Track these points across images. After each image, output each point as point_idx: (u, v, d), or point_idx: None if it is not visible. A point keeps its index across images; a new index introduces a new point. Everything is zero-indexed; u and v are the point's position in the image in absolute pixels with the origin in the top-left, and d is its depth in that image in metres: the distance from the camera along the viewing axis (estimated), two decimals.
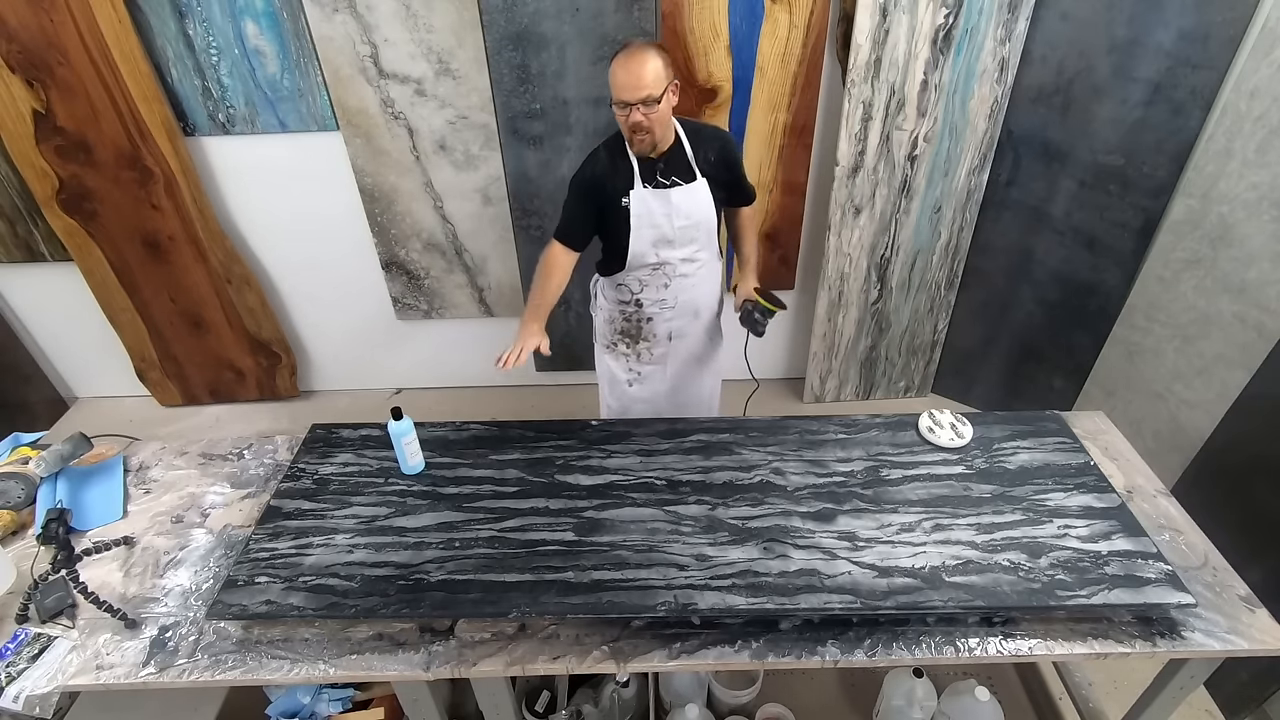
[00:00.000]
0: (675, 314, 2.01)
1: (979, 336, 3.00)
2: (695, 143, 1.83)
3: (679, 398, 2.17)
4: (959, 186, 2.65)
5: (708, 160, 1.85)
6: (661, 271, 1.93)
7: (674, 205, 1.83)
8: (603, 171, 1.81)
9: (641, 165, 1.80)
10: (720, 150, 1.87)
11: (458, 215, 2.81)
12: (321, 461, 1.73)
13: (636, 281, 1.96)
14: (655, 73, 1.62)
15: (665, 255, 1.90)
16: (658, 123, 1.68)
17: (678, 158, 1.82)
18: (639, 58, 1.62)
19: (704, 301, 2.05)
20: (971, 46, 2.37)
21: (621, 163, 1.80)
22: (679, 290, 1.97)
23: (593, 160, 1.83)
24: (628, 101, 1.64)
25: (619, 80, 1.63)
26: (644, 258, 1.90)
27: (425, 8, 2.37)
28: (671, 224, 1.85)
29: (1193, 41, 2.10)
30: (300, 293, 3.08)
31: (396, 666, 1.34)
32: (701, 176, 1.84)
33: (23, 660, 1.35)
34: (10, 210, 2.73)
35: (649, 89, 1.62)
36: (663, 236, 1.86)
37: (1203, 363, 2.24)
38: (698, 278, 1.98)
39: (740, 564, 1.43)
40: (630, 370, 2.11)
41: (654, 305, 1.99)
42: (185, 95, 2.53)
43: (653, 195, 1.81)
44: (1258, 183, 2.03)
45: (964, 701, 1.73)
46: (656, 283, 1.95)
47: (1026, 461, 1.69)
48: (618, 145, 1.82)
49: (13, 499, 1.66)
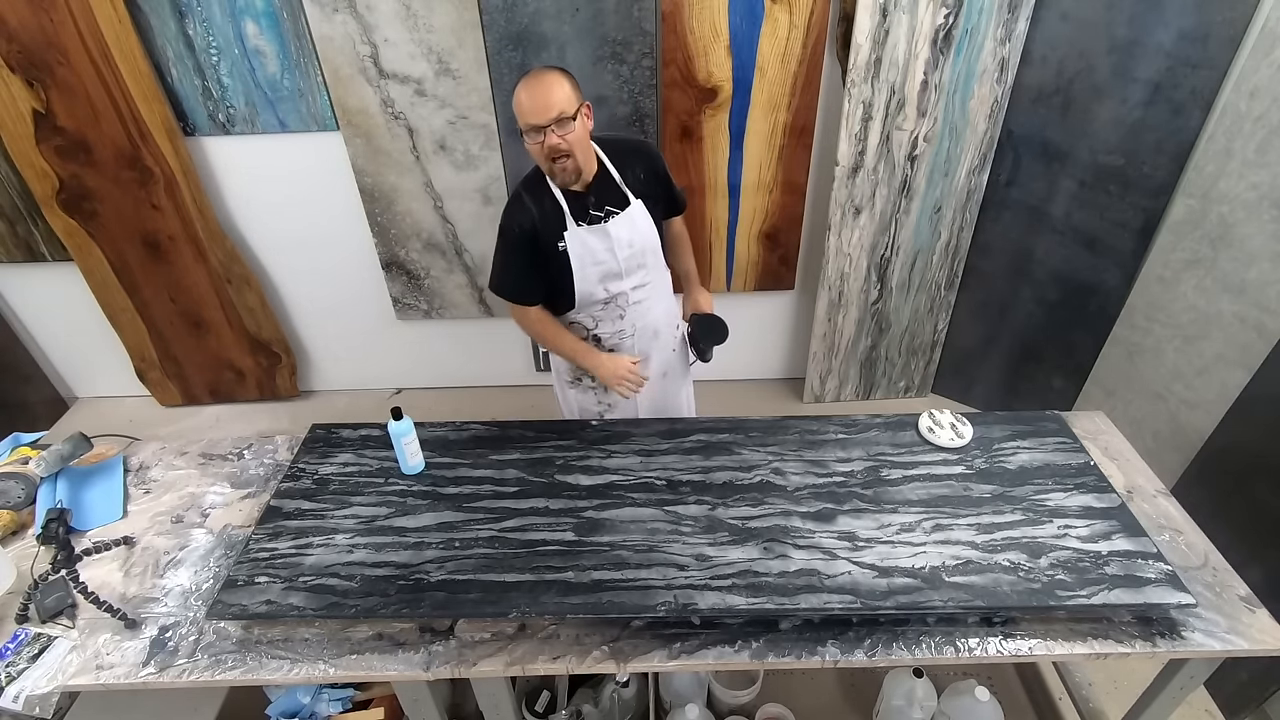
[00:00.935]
0: (636, 339, 1.91)
1: (979, 336, 3.00)
2: (620, 163, 1.72)
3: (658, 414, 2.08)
4: (959, 186, 2.65)
5: (638, 179, 1.74)
6: (614, 304, 1.83)
7: (614, 238, 1.71)
8: (531, 220, 1.67)
9: (570, 203, 1.67)
10: (647, 164, 1.76)
11: (458, 215, 2.81)
12: (321, 461, 1.73)
13: (590, 319, 1.85)
14: (564, 91, 1.52)
15: (615, 289, 1.79)
16: (576, 145, 1.55)
17: (606, 185, 1.70)
18: (543, 79, 1.52)
19: (662, 320, 1.94)
20: (971, 46, 2.37)
21: (549, 203, 1.67)
22: (635, 318, 1.87)
23: (517, 208, 1.69)
24: (539, 125, 1.51)
25: (525, 105, 1.51)
26: (593, 296, 1.79)
27: (425, 8, 2.37)
28: (615, 257, 1.73)
29: (1193, 41, 2.10)
30: (300, 293, 3.08)
31: (396, 666, 1.34)
32: (636, 198, 1.73)
33: (23, 660, 1.35)
34: (10, 210, 2.73)
35: (559, 107, 1.50)
36: (608, 271, 1.75)
37: (1203, 363, 2.24)
38: (651, 300, 1.88)
39: (740, 564, 1.43)
40: (600, 403, 2.01)
41: (613, 337, 1.89)
42: (185, 95, 2.53)
43: (589, 233, 1.69)
44: (1258, 183, 2.03)
45: (964, 701, 1.73)
46: (611, 316, 1.85)
47: (1026, 461, 1.69)
48: (540, 186, 1.68)
49: (13, 499, 1.66)
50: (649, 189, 1.77)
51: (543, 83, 1.52)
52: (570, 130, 1.54)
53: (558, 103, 1.51)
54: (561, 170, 1.59)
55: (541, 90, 1.51)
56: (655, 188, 1.79)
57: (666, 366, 2.04)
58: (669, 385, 2.09)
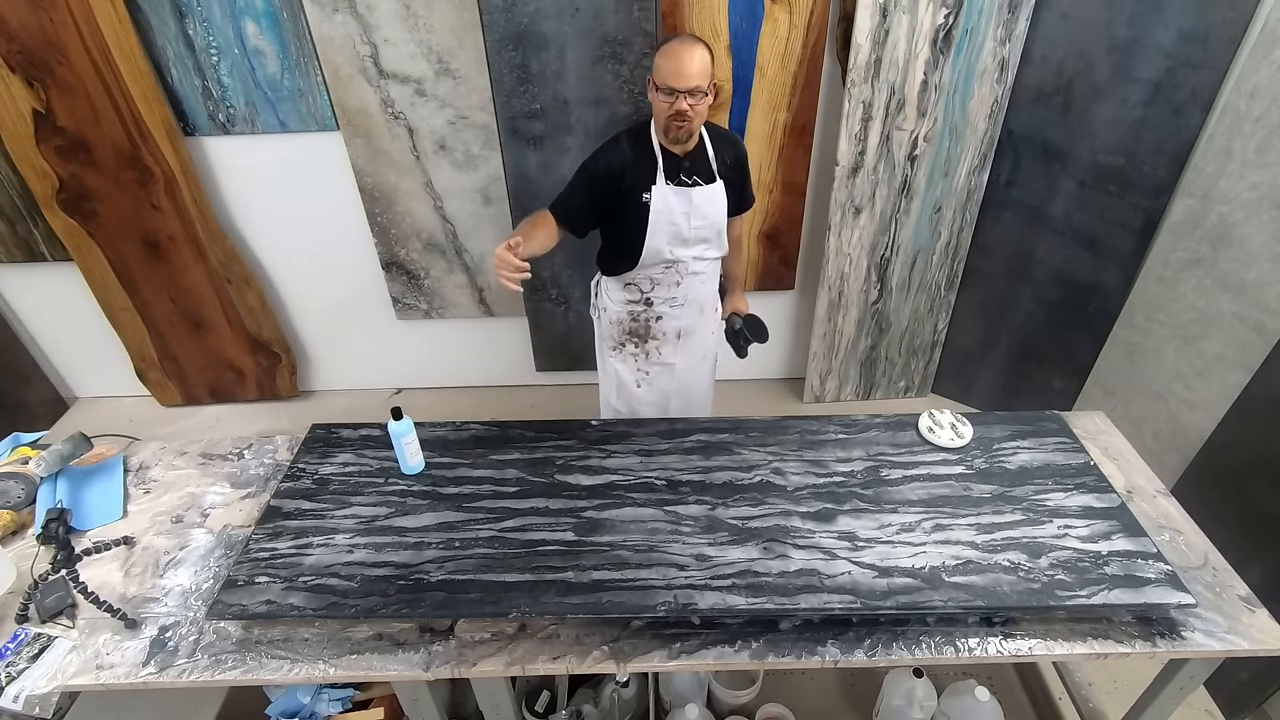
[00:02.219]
0: (685, 311, 2.01)
1: (979, 336, 3.00)
2: (716, 145, 1.84)
3: (683, 398, 2.16)
4: (959, 186, 2.65)
5: (724, 163, 1.86)
6: (674, 270, 1.93)
7: (694, 205, 1.82)
8: (623, 162, 1.79)
9: (666, 162, 1.79)
10: (736, 155, 1.89)
11: (458, 215, 2.81)
12: (321, 461, 1.73)
13: (648, 280, 1.95)
14: (704, 65, 1.63)
15: (679, 253, 1.89)
16: (698, 116, 1.68)
17: (701, 158, 1.83)
18: (692, 48, 1.62)
19: (709, 298, 2.06)
20: (971, 46, 2.37)
21: (645, 157, 1.79)
22: (689, 288, 1.97)
23: (614, 149, 1.80)
24: (676, 89, 1.63)
25: (669, 67, 1.62)
26: (659, 254, 1.88)
27: (425, 8, 2.37)
28: (689, 223, 1.84)
29: (1193, 41, 2.10)
30: (300, 293, 3.08)
31: (396, 666, 1.34)
32: (719, 179, 1.85)
33: (23, 660, 1.35)
34: (10, 210, 2.73)
35: (698, 80, 1.62)
36: (678, 235, 1.86)
37: (1203, 363, 2.24)
38: (707, 274, 1.99)
39: (740, 564, 1.43)
40: (639, 371, 2.10)
41: (664, 303, 1.99)
42: (185, 95, 2.53)
43: (674, 193, 1.80)
44: (1258, 183, 2.03)
45: (964, 701, 1.73)
46: (669, 280, 1.95)
47: (1026, 461, 1.69)
48: (642, 138, 1.79)
49: (13, 499, 1.65)
50: (731, 176, 1.89)
51: (691, 51, 1.62)
52: (700, 101, 1.66)
53: (698, 74, 1.62)
54: (677, 130, 1.70)
55: (689, 57, 1.61)
56: (736, 177, 1.91)
57: (705, 349, 2.13)
58: (703, 371, 2.17)
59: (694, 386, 2.16)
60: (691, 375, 2.14)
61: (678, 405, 2.16)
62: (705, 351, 2.13)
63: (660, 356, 2.07)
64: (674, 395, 2.13)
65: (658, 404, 2.15)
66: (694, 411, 2.21)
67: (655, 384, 2.11)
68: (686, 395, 2.16)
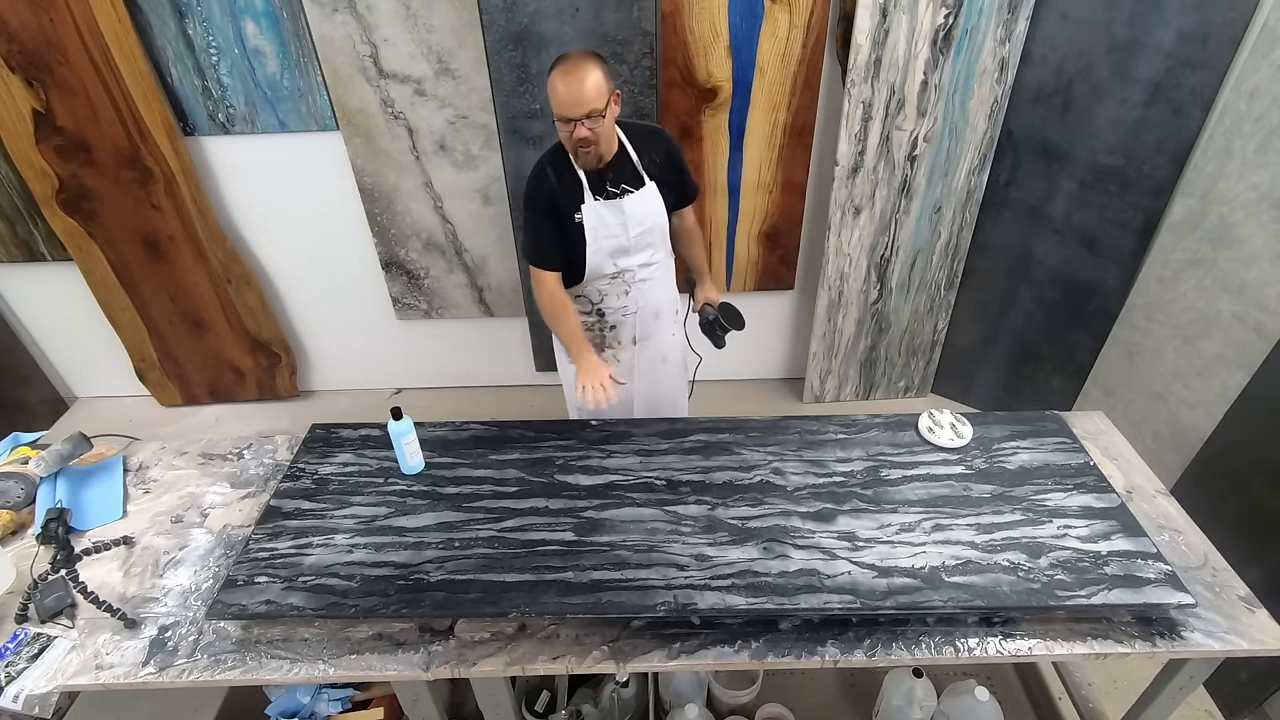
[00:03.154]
0: (638, 318, 1.99)
1: (979, 336, 3.00)
2: (639, 147, 1.80)
3: (649, 400, 2.14)
4: (959, 186, 2.65)
5: (654, 162, 1.83)
6: (621, 279, 1.91)
7: (627, 214, 1.80)
8: (551, 189, 1.76)
9: (589, 177, 1.76)
10: (665, 151, 1.85)
11: (458, 215, 2.81)
12: (321, 461, 1.73)
13: (596, 292, 1.93)
14: (597, 85, 1.57)
15: (623, 264, 1.88)
16: (602, 136, 1.64)
17: (624, 165, 1.79)
18: (580, 71, 1.56)
19: (664, 302, 2.03)
20: (971, 46, 2.37)
21: (569, 177, 1.76)
22: (639, 295, 1.95)
23: (540, 178, 1.78)
24: (570, 118, 1.59)
25: (560, 96, 1.58)
26: (602, 269, 1.87)
27: (425, 8, 2.37)
28: (627, 233, 1.82)
29: (1193, 41, 2.10)
30: (300, 293, 3.08)
31: (396, 666, 1.34)
32: (650, 180, 1.82)
33: (22, 660, 1.35)
34: (10, 210, 2.73)
35: (592, 103, 1.57)
36: (619, 246, 1.84)
37: (1203, 363, 2.24)
38: (655, 280, 1.96)
39: (740, 564, 1.43)
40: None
41: (616, 313, 1.97)
42: (185, 95, 2.53)
43: (605, 207, 1.78)
44: (1257, 183, 2.03)
45: (964, 701, 1.73)
46: (616, 291, 1.93)
47: (1026, 462, 1.69)
48: (562, 160, 1.76)
49: (12, 499, 1.66)
50: (663, 174, 1.85)
51: (579, 75, 1.57)
52: (599, 124, 1.62)
53: (590, 99, 1.57)
54: (584, 155, 1.68)
55: (577, 83, 1.56)
56: (670, 174, 1.87)
57: (666, 351, 2.10)
58: (666, 372, 2.13)
59: (659, 389, 2.14)
60: (653, 379, 2.11)
61: (644, 408, 2.13)
62: (665, 354, 2.10)
63: (619, 363, 2.04)
64: (637, 398, 2.11)
65: (622, 409, 2.09)
66: (662, 412, 2.19)
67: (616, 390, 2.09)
68: (653, 398, 2.14)
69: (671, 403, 2.20)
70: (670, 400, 2.19)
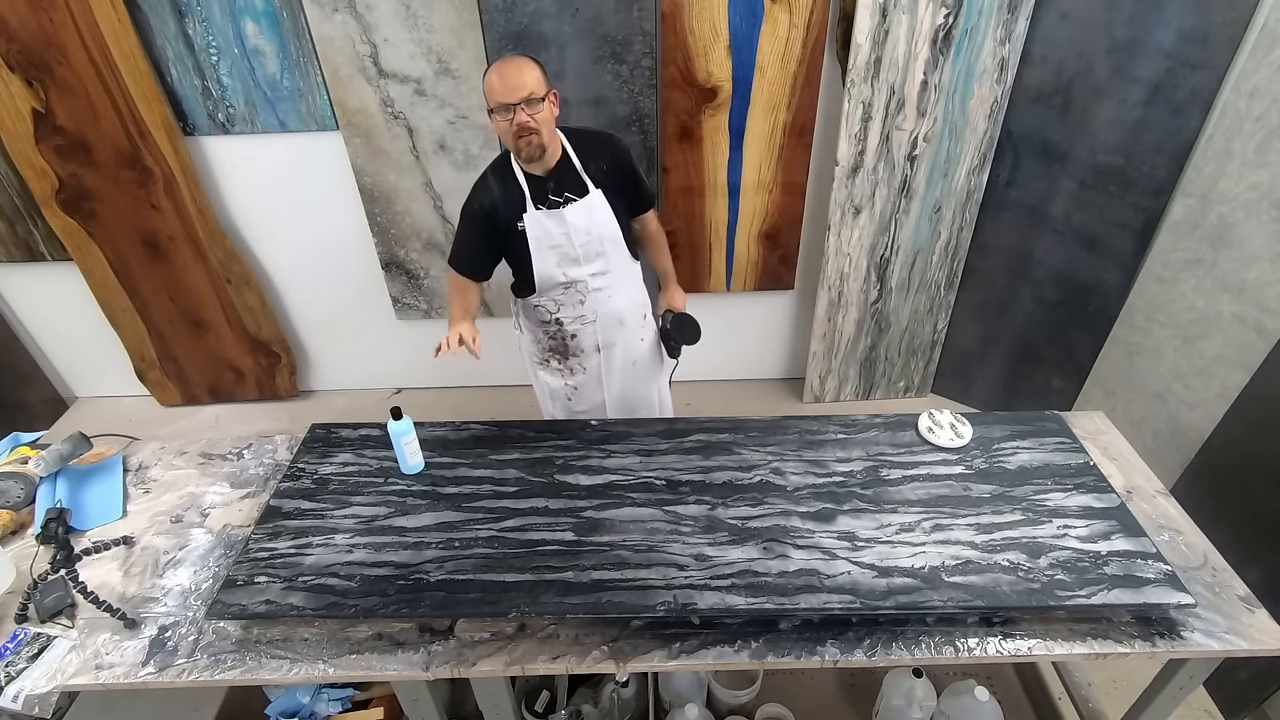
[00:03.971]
0: (599, 326, 1.96)
1: (979, 336, 3.00)
2: (584, 154, 1.79)
3: (627, 403, 2.12)
4: (959, 186, 2.65)
5: (600, 170, 1.80)
6: (574, 290, 1.88)
7: (570, 224, 1.78)
8: (493, 199, 1.76)
9: (531, 186, 1.75)
10: (612, 156, 1.82)
11: (458, 215, 2.80)
12: (321, 461, 1.73)
13: (552, 302, 1.91)
14: (534, 74, 1.61)
15: (573, 274, 1.85)
16: (543, 124, 1.63)
17: (567, 173, 1.78)
18: (515, 62, 1.61)
19: (627, 309, 1.98)
20: (971, 46, 2.37)
21: (511, 187, 1.76)
22: (596, 304, 1.92)
23: (482, 188, 1.78)
24: (509, 104, 1.59)
25: (496, 86, 1.59)
26: (552, 279, 1.85)
27: (425, 8, 2.37)
28: (572, 242, 1.80)
29: (1193, 41, 2.10)
30: (300, 293, 3.08)
31: (396, 666, 1.34)
32: (596, 188, 1.79)
33: (22, 660, 1.35)
34: (10, 210, 2.73)
35: (530, 88, 1.59)
36: (566, 255, 1.82)
37: (1202, 363, 2.24)
38: (613, 289, 1.92)
39: (740, 564, 1.43)
40: (566, 385, 2.06)
41: (575, 322, 1.94)
42: (185, 95, 2.53)
43: (547, 216, 1.77)
44: (1257, 183, 2.03)
45: (963, 701, 1.73)
46: (572, 301, 1.90)
47: (1026, 461, 1.69)
48: (504, 169, 1.77)
49: (12, 499, 1.65)
50: (612, 181, 1.83)
51: (514, 65, 1.61)
52: (539, 110, 1.62)
53: (528, 84, 1.60)
54: (527, 145, 1.65)
55: (513, 71, 1.60)
56: (619, 180, 1.84)
57: (635, 355, 2.07)
58: (638, 374, 2.10)
59: (633, 392, 2.11)
60: (624, 384, 2.08)
61: (616, 412, 2.11)
62: (635, 357, 2.06)
63: (584, 370, 2.03)
64: (610, 403, 2.09)
65: (594, 412, 2.10)
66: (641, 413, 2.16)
67: (586, 395, 2.07)
68: (627, 401, 2.11)
69: (648, 403, 2.17)
70: (646, 401, 2.16)
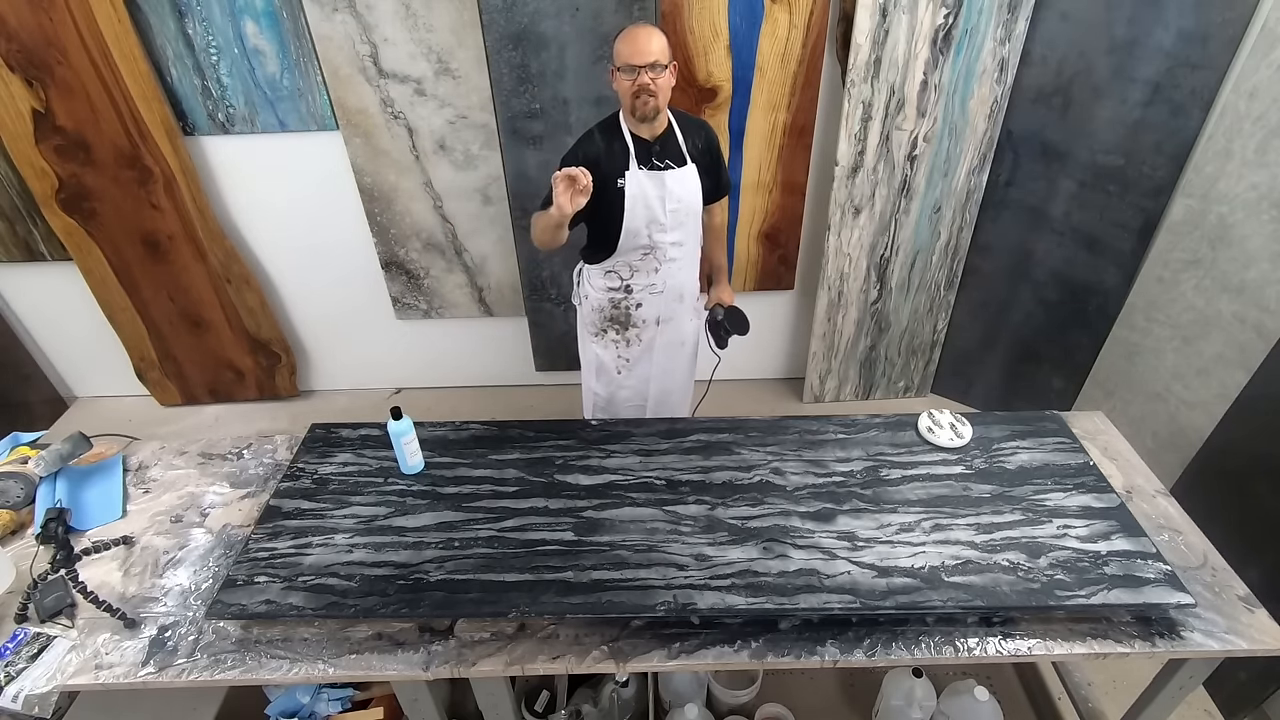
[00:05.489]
0: (663, 298, 2.05)
1: (979, 336, 3.00)
2: (686, 130, 1.91)
3: (663, 384, 2.20)
4: (959, 186, 2.65)
5: (696, 147, 1.92)
6: (653, 256, 1.97)
7: (668, 188, 1.87)
8: (598, 152, 1.85)
9: (637, 147, 1.85)
10: (707, 139, 1.96)
11: (457, 215, 2.81)
12: (321, 461, 1.73)
13: (627, 267, 1.99)
14: (661, 44, 1.72)
15: (658, 238, 1.94)
16: (662, 89, 1.74)
17: (671, 143, 1.89)
18: (647, 30, 1.72)
19: (687, 286, 2.09)
20: (971, 46, 2.37)
21: (617, 145, 1.85)
22: (667, 274, 2.01)
23: (588, 141, 1.88)
24: (636, 65, 1.70)
25: (627, 48, 1.71)
26: (636, 239, 1.92)
27: (425, 8, 2.36)
28: (664, 207, 1.89)
29: (1192, 42, 2.11)
30: (300, 292, 3.08)
31: (396, 666, 1.34)
32: (691, 162, 1.91)
33: (22, 660, 1.35)
34: (10, 210, 2.73)
35: (657, 55, 1.70)
36: (655, 219, 1.90)
37: (1202, 363, 2.24)
38: (684, 261, 2.03)
39: (740, 564, 1.43)
40: (619, 358, 2.14)
41: (644, 290, 2.02)
42: (185, 95, 2.52)
43: (648, 177, 1.86)
44: (1257, 183, 2.03)
45: (963, 701, 1.73)
46: (647, 267, 1.99)
47: (1026, 461, 1.69)
48: (612, 128, 1.87)
49: (12, 498, 1.65)
50: (703, 161, 1.95)
51: (645, 31, 1.72)
52: (661, 76, 1.73)
53: (655, 51, 1.71)
54: (643, 105, 1.76)
55: (645, 37, 1.71)
56: (708, 162, 1.97)
57: (685, 336, 2.17)
58: (682, 358, 2.21)
59: (673, 372, 2.21)
60: (671, 361, 2.18)
61: (657, 390, 2.20)
62: (684, 338, 2.17)
63: (640, 343, 2.11)
64: (653, 380, 2.18)
65: (637, 388, 2.19)
66: (674, 397, 2.26)
67: (635, 370, 2.16)
68: (666, 381, 2.20)
69: (682, 391, 2.27)
70: (681, 388, 2.26)
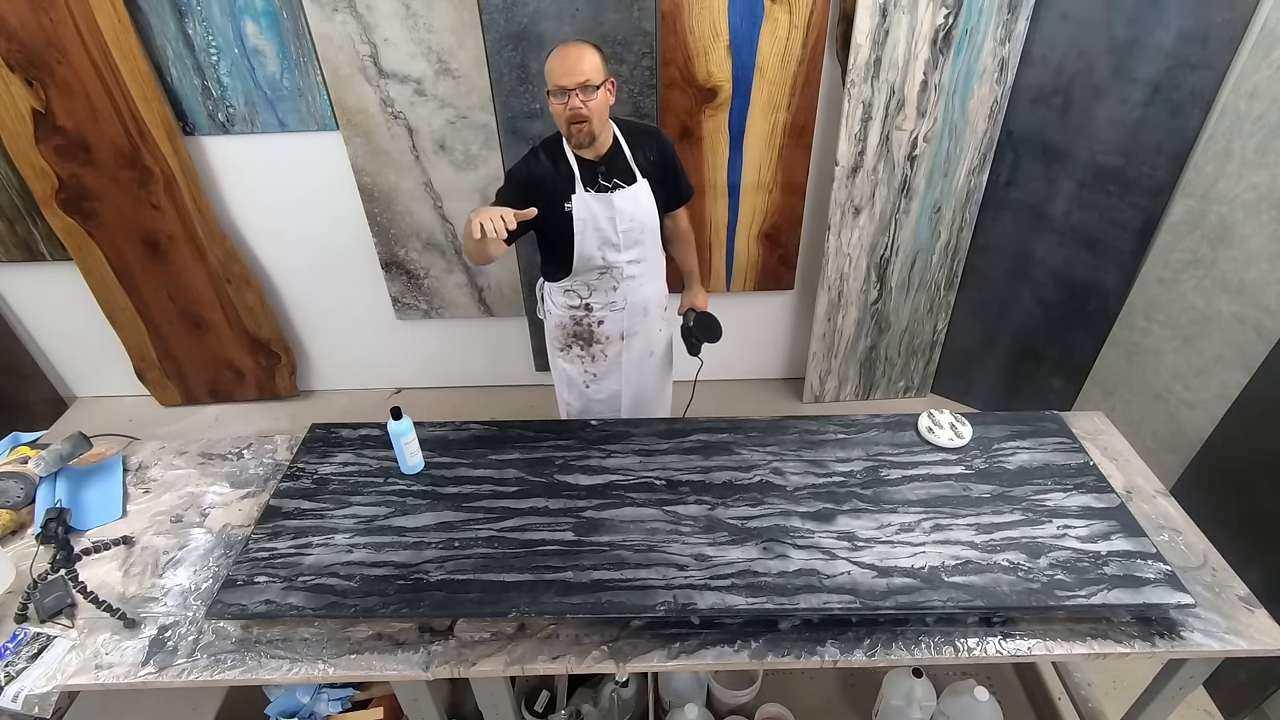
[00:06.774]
0: (626, 314, 2.01)
1: (978, 336, 3.00)
2: (633, 143, 1.84)
3: (636, 393, 2.17)
4: (959, 186, 2.65)
5: (648, 159, 1.86)
6: (609, 275, 1.93)
7: (617, 209, 1.82)
8: (542, 173, 1.79)
9: (582, 169, 1.79)
10: (659, 149, 1.88)
11: (457, 215, 2.81)
12: (321, 461, 1.73)
13: (585, 286, 1.95)
14: (593, 63, 1.64)
15: (612, 259, 1.89)
16: (596, 112, 1.67)
17: (617, 159, 1.82)
18: (577, 49, 1.65)
19: (652, 299, 2.05)
20: (971, 46, 2.37)
21: (562, 166, 1.79)
22: (627, 292, 1.97)
23: (533, 160, 1.81)
24: (565, 87, 1.63)
25: (556, 68, 1.64)
26: (590, 261, 1.88)
27: (425, 8, 2.37)
28: (615, 228, 1.84)
29: (1192, 42, 2.11)
30: (300, 292, 3.08)
31: (396, 666, 1.34)
32: (642, 177, 1.84)
33: (22, 660, 1.35)
34: (10, 210, 2.73)
35: (587, 75, 1.63)
36: (607, 240, 1.86)
37: (1202, 363, 2.24)
38: (644, 278, 1.98)
39: (740, 564, 1.43)
40: (586, 373, 2.11)
41: (604, 308, 1.99)
42: (185, 95, 2.53)
43: (595, 200, 1.80)
44: (1257, 183, 2.03)
45: (963, 701, 1.73)
46: (605, 286, 1.95)
47: (1026, 462, 1.69)
48: (556, 148, 1.80)
49: (12, 498, 1.65)
50: (656, 172, 1.88)
51: (575, 50, 1.65)
52: (593, 98, 1.66)
53: (586, 70, 1.63)
54: (577, 133, 1.70)
55: (574, 56, 1.64)
56: (663, 172, 1.89)
57: (653, 347, 2.13)
58: (653, 366, 2.17)
59: (645, 381, 2.18)
60: (640, 372, 2.14)
61: (630, 401, 2.16)
62: (652, 348, 2.13)
63: (606, 358, 2.07)
64: (625, 390, 2.14)
65: (609, 401, 2.16)
66: (652, 407, 2.24)
67: (604, 383, 2.12)
68: (639, 390, 2.17)
69: (658, 397, 2.24)
70: (656, 394, 2.23)
